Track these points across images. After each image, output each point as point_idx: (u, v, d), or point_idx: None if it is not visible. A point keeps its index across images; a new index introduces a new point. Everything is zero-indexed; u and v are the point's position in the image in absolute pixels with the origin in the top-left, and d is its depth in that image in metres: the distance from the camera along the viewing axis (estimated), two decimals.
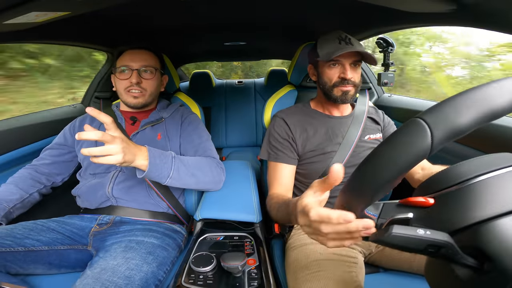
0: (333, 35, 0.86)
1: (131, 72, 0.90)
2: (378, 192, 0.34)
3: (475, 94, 0.32)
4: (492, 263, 0.29)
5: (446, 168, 0.35)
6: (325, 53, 0.85)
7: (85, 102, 1.51)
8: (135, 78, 0.89)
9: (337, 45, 0.83)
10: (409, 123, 0.33)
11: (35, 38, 0.95)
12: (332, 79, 0.87)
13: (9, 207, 0.81)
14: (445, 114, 0.31)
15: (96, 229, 0.84)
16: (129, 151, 0.66)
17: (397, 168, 0.32)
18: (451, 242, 0.30)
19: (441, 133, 0.30)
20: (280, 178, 0.87)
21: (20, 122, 1.08)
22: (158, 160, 0.75)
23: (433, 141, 0.30)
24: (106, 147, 0.61)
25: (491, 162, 0.33)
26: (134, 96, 0.91)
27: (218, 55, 2.27)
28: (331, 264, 0.69)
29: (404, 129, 0.33)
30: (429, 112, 0.32)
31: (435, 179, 0.36)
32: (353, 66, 0.86)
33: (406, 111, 1.25)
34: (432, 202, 0.34)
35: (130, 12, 0.93)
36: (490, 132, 0.83)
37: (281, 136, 0.90)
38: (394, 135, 0.33)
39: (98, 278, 0.60)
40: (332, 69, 0.86)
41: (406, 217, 0.35)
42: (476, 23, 0.70)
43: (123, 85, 0.91)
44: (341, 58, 0.84)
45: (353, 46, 0.82)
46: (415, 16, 0.81)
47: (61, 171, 0.97)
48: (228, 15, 1.08)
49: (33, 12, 0.61)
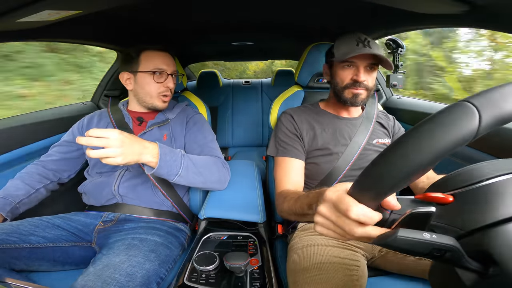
0: (352, 36, 0.83)
1: (166, 76, 0.92)
2: (405, 180, 0.31)
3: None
4: (498, 267, 0.28)
5: (467, 167, 0.34)
6: (340, 53, 0.83)
7: (95, 100, 1.54)
8: (172, 83, 0.92)
9: (354, 46, 0.81)
10: (455, 105, 0.30)
11: (47, 37, 0.97)
12: (344, 80, 0.85)
13: (15, 202, 0.82)
14: (494, 99, 0.29)
15: (101, 226, 0.85)
16: (131, 151, 0.67)
17: (436, 151, 0.28)
18: (457, 246, 0.29)
19: (489, 118, 0.28)
20: (290, 174, 0.84)
21: (30, 118, 1.10)
22: (168, 157, 0.75)
23: (481, 124, 0.28)
24: (105, 150, 0.64)
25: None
26: (164, 101, 0.94)
27: (225, 55, 2.28)
28: (332, 268, 0.68)
29: (450, 109, 0.30)
30: (478, 96, 0.30)
31: (455, 177, 0.35)
32: (369, 69, 0.83)
33: (415, 113, 1.23)
34: (452, 199, 0.33)
35: (140, 11, 0.94)
36: (501, 136, 0.81)
37: (290, 131, 0.89)
38: (438, 115, 0.30)
39: (100, 275, 0.61)
40: (345, 70, 0.84)
41: (429, 211, 0.33)
42: (488, 24, 0.68)
43: (157, 89, 0.92)
44: (356, 59, 0.81)
45: (371, 49, 0.80)
46: (426, 17, 0.80)
47: (68, 168, 0.98)
48: (237, 15, 1.09)
49: (46, 10, 0.62)
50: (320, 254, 0.73)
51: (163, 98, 0.93)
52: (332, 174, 0.86)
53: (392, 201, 0.35)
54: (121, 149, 0.65)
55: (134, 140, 0.70)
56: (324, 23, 1.16)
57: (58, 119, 1.22)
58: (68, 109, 1.34)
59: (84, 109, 1.41)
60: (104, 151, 0.64)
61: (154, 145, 0.74)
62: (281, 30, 1.34)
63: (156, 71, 0.90)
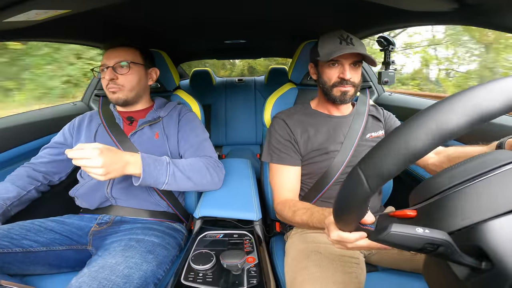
0: (334, 34, 0.84)
1: (106, 70, 0.91)
2: (360, 208, 0.38)
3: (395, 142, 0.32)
4: (491, 262, 0.29)
5: (427, 179, 0.38)
6: (325, 53, 0.84)
7: (85, 100, 1.51)
8: (108, 74, 0.89)
9: (338, 45, 0.82)
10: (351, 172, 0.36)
11: (34, 36, 0.95)
12: (331, 79, 0.86)
13: (6, 205, 0.81)
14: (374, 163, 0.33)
15: (96, 229, 0.84)
16: (112, 169, 0.68)
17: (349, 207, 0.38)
18: (450, 240, 0.30)
19: (374, 181, 0.32)
20: (287, 183, 0.86)
21: (20, 120, 1.08)
22: (152, 167, 0.75)
23: (370, 188, 0.33)
24: (86, 163, 0.65)
25: (467, 170, 0.34)
26: (112, 92, 0.91)
27: (218, 53, 2.26)
28: (331, 265, 0.69)
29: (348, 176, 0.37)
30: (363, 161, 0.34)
31: (417, 191, 0.38)
32: (353, 66, 0.84)
33: (406, 109, 1.25)
34: (414, 214, 0.37)
35: (129, 10, 0.92)
36: (488, 129, 0.83)
37: (283, 137, 0.89)
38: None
39: (95, 277, 0.60)
40: (331, 69, 0.85)
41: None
42: (477, 22, 0.69)
43: (104, 84, 0.92)
44: (341, 58, 0.83)
45: (354, 46, 0.81)
46: (416, 15, 0.81)
47: (59, 170, 0.97)
48: (229, 13, 1.08)
49: (34, 10, 0.61)
50: (319, 251, 0.73)
51: (110, 90, 0.91)
52: (328, 173, 0.87)
53: (367, 219, 0.43)
54: (102, 169, 0.66)
55: (115, 157, 0.69)
56: (316, 21, 1.17)
57: (47, 119, 1.19)
58: (58, 109, 1.31)
59: (74, 109, 1.39)
60: (85, 162, 0.65)
61: (137, 157, 0.74)
62: (274, 28, 1.34)
63: (102, 67, 0.91)
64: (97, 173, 0.66)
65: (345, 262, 0.70)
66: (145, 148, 0.88)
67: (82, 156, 0.65)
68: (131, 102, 0.96)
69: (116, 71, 0.90)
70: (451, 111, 0.28)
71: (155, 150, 0.89)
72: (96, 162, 0.65)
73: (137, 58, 0.94)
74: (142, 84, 0.96)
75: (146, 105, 1.01)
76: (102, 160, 0.65)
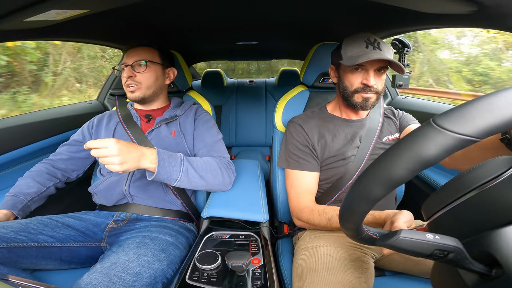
0: (361, 37, 0.79)
1: (125, 68, 0.93)
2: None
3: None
4: (501, 269, 0.28)
5: (433, 193, 0.37)
6: (349, 56, 0.80)
7: (100, 98, 1.55)
8: (127, 72, 0.92)
9: (364, 49, 0.77)
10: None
11: (53, 36, 0.98)
12: (353, 84, 0.81)
13: (26, 200, 0.83)
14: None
15: (112, 226, 0.85)
16: (129, 158, 0.69)
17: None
18: (460, 247, 0.29)
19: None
20: (306, 188, 0.85)
21: (38, 117, 1.12)
22: (167, 163, 0.76)
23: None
24: (104, 152, 0.67)
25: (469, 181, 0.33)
26: (131, 91, 0.94)
27: (230, 54, 2.28)
28: (341, 269, 0.68)
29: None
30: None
31: (426, 206, 0.38)
32: (378, 72, 0.80)
33: (420, 113, 1.22)
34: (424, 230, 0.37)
35: (145, 11, 0.95)
36: None
37: (301, 143, 0.87)
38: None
39: (106, 273, 0.60)
40: (354, 74, 0.81)
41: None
42: (495, 24, 0.67)
43: (123, 82, 0.94)
44: (366, 63, 0.78)
45: (381, 51, 0.76)
46: (433, 17, 0.79)
47: (77, 167, 0.99)
48: (242, 15, 1.09)
49: (54, 10, 0.63)
50: (330, 254, 0.72)
51: (129, 88, 0.94)
52: (344, 177, 0.86)
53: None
54: (119, 157, 0.67)
55: (131, 147, 0.71)
56: (330, 22, 1.15)
57: (65, 117, 1.23)
58: (75, 107, 1.36)
59: (89, 107, 1.43)
60: (103, 151, 0.67)
61: (153, 151, 0.75)
62: (286, 29, 1.34)
63: (122, 66, 0.94)
64: (114, 162, 0.67)
65: (355, 267, 0.69)
66: (162, 146, 0.89)
67: (100, 146, 0.67)
68: (149, 100, 0.98)
69: (134, 70, 0.92)
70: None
71: (173, 147, 0.90)
72: (112, 150, 0.66)
73: (155, 58, 0.97)
74: (159, 83, 0.99)
75: (163, 104, 1.03)
76: (118, 147, 0.67)
